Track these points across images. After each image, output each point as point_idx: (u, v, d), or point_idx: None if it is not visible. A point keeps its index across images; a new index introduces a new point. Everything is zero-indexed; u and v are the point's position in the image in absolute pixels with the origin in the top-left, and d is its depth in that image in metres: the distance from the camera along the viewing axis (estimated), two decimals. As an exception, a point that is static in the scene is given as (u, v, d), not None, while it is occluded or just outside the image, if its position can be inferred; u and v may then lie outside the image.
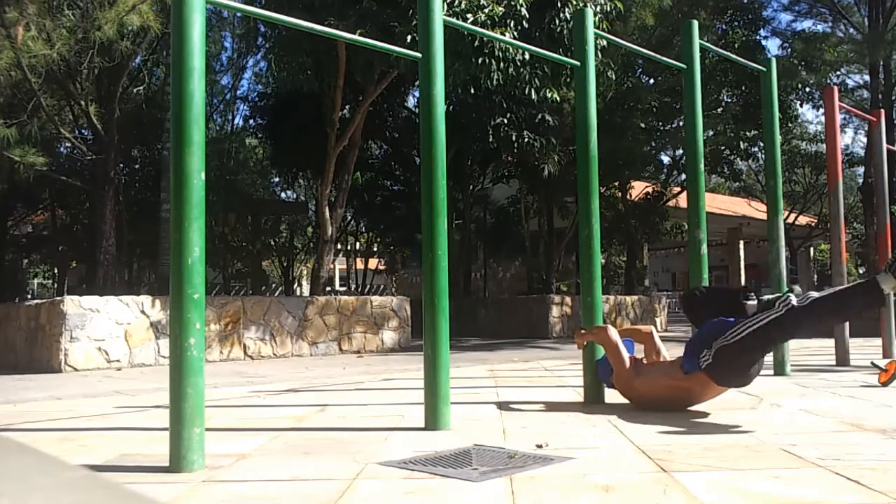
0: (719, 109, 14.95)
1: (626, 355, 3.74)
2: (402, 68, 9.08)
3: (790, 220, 24.06)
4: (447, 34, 3.50)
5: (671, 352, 4.04)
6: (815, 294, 3.28)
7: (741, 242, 27.36)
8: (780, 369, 5.24)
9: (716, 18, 14.90)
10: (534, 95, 9.24)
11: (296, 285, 21.77)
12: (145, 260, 16.61)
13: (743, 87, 14.47)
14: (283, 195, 21.92)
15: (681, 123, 14.13)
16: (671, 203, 17.86)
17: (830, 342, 6.23)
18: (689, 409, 3.55)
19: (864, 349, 6.94)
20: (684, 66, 4.76)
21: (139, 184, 15.73)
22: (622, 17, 11.75)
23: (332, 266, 13.56)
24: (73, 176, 12.82)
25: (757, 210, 23.30)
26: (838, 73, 17.58)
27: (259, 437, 3.04)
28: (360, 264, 23.64)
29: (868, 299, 3.29)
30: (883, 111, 8.41)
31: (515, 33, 8.65)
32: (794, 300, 3.22)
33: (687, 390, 3.47)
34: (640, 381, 3.66)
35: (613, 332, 3.82)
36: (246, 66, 19.27)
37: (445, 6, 7.79)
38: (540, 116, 11.00)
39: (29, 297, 20.35)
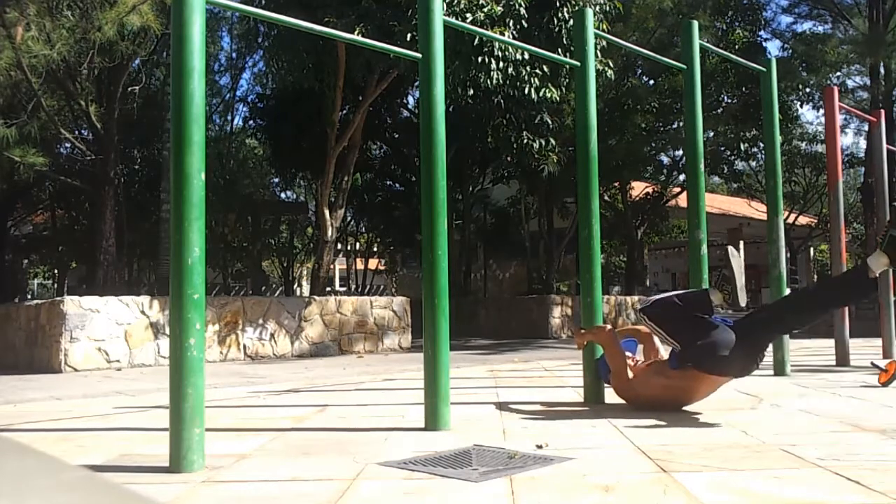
0: (719, 110, 14.95)
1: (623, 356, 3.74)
2: (402, 68, 9.08)
3: (790, 220, 24.04)
4: (446, 34, 3.50)
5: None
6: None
7: (741, 243, 27.29)
8: (780, 369, 5.23)
9: (716, 19, 14.91)
10: (533, 95, 9.23)
11: (296, 285, 21.78)
12: (145, 260, 16.62)
13: (743, 88, 14.47)
14: (282, 195, 21.91)
15: (681, 124, 14.13)
16: (671, 203, 17.86)
17: (830, 342, 6.23)
18: (689, 409, 3.55)
19: (864, 349, 6.94)
20: (684, 66, 4.76)
21: (139, 184, 15.73)
22: (622, 17, 11.75)
23: (332, 266, 13.56)
24: (73, 176, 12.81)
25: (757, 210, 23.28)
26: (838, 73, 17.56)
27: (259, 438, 3.04)
28: (360, 264, 23.65)
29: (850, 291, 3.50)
30: (883, 111, 8.40)
31: (514, 32, 8.65)
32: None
33: (681, 388, 3.47)
34: (636, 382, 3.66)
35: (613, 333, 3.83)
36: (245, 67, 19.26)
37: (444, 6, 7.79)
38: (539, 117, 10.99)
39: (29, 297, 20.32)
